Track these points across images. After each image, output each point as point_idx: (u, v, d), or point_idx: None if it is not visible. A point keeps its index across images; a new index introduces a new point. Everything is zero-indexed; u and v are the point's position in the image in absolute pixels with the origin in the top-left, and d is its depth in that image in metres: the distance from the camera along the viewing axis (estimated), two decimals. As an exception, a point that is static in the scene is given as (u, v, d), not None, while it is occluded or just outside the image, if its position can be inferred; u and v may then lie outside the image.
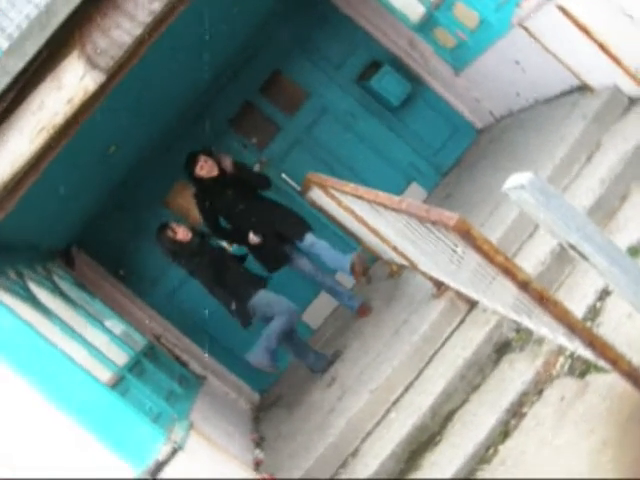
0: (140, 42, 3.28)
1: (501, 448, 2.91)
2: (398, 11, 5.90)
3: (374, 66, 6.51)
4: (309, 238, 5.20)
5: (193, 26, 4.33)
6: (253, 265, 5.32)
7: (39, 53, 3.11)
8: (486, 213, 4.41)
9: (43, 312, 4.14)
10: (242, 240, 5.31)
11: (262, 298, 4.77)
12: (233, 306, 4.76)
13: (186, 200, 5.96)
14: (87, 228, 6.09)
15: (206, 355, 6.11)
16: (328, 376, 4.80)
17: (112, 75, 3.26)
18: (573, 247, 1.66)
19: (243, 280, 4.88)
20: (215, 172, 5.22)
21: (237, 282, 4.87)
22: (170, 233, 4.79)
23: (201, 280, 5.01)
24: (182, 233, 4.81)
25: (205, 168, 5.20)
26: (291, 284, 5.86)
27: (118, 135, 4.85)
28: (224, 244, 5.43)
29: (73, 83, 3.19)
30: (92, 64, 3.17)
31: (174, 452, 3.53)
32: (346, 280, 6.23)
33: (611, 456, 2.33)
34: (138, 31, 3.28)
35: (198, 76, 5.69)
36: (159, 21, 3.39)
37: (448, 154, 6.67)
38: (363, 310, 5.30)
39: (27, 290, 4.29)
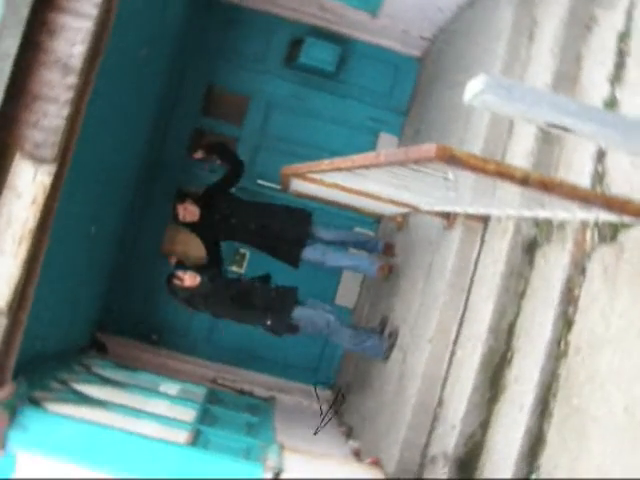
0: (73, 119, 3.27)
1: (570, 338, 2.92)
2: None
3: (296, 44, 6.46)
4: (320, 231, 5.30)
5: (115, 83, 4.32)
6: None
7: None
8: (460, 130, 4.40)
9: (99, 405, 4.17)
10: (257, 244, 5.36)
11: (298, 316, 4.76)
12: (268, 321, 4.75)
13: (181, 243, 5.96)
14: (103, 310, 6.11)
15: (264, 376, 6.16)
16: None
17: (61, 161, 3.25)
18: (553, 125, 1.65)
19: (274, 296, 4.85)
20: (197, 213, 5.26)
21: (268, 299, 4.83)
22: (178, 282, 4.79)
23: (226, 316, 4.99)
24: (189, 279, 4.78)
25: (188, 216, 5.25)
26: (313, 278, 5.90)
27: (92, 213, 4.85)
28: (233, 269, 5.47)
29: (29, 185, 3.19)
30: (38, 160, 3.17)
31: (276, 476, 3.58)
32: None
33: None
34: (66, 110, 3.27)
35: (139, 124, 5.70)
36: (80, 93, 3.37)
37: (400, 93, 6.64)
38: (382, 268, 5.35)
39: (76, 392, 4.31)
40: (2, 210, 3.23)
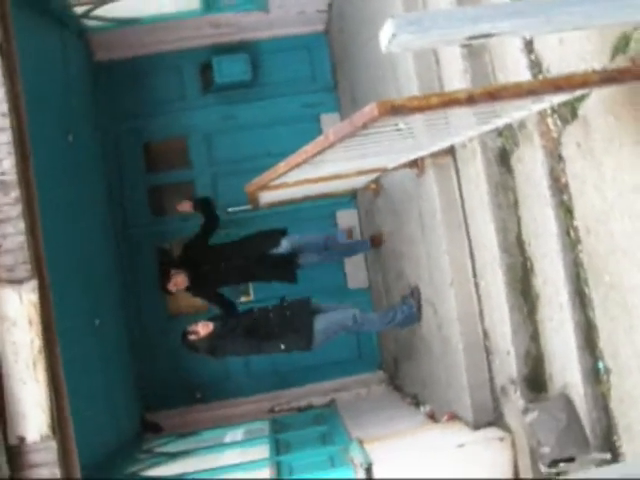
0: (32, 229, 3.25)
1: (576, 223, 2.94)
2: (178, 13, 5.82)
3: (207, 69, 6.43)
4: (284, 242, 5.32)
5: (57, 176, 4.29)
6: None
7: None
8: (391, 81, 4.40)
9: (177, 480, 4.16)
10: (251, 277, 5.39)
11: (319, 325, 4.72)
12: (283, 346, 4.69)
13: (184, 298, 5.94)
14: (140, 392, 6.08)
15: (314, 385, 6.17)
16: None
17: (39, 272, 3.23)
18: (474, 37, 1.65)
19: (289, 315, 4.80)
20: (186, 279, 5.29)
21: (284, 320, 4.78)
22: (193, 337, 4.73)
23: (248, 351, 4.94)
24: (202, 329, 4.73)
25: (178, 284, 5.30)
26: (320, 277, 5.92)
27: (89, 306, 4.83)
28: (242, 299, 5.49)
29: (19, 309, 3.17)
30: (16, 282, 3.14)
31: (369, 471, 3.59)
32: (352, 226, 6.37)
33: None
34: (22, 224, 3.25)
35: (96, 204, 5.68)
36: (28, 201, 3.35)
37: (322, 71, 6.64)
38: (373, 240, 5.56)
39: (149, 479, 4.30)
40: (5, 344, 3.20)
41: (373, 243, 5.65)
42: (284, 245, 5.39)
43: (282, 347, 4.69)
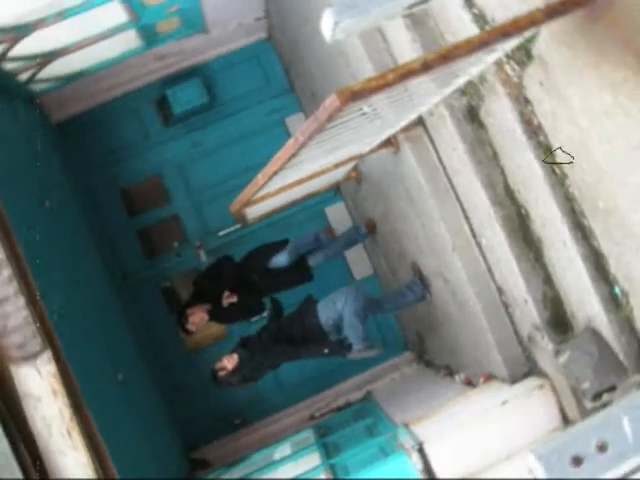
0: (32, 301, 3.24)
1: (559, 160, 2.95)
2: (122, 55, 5.81)
3: (162, 102, 6.42)
4: (281, 258, 5.32)
5: (46, 244, 4.28)
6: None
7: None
8: (345, 68, 4.40)
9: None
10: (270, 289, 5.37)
11: (322, 309, 4.73)
12: (326, 350, 4.67)
13: (198, 332, 5.89)
14: (180, 432, 6.07)
15: (347, 382, 6.18)
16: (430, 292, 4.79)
17: (50, 341, 3.22)
18: (413, 5, 1.66)
19: (299, 319, 4.80)
20: (205, 315, 5.22)
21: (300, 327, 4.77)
22: (223, 373, 4.70)
23: (286, 359, 4.91)
24: (229, 362, 4.69)
25: (197, 322, 5.21)
26: (326, 280, 5.91)
27: (108, 362, 4.81)
28: (263, 315, 5.46)
29: (40, 383, 3.16)
30: (31, 357, 3.14)
31: (421, 451, 3.59)
32: (342, 224, 6.35)
33: (610, 64, 2.36)
34: (21, 300, 3.24)
35: (89, 259, 5.66)
36: (21, 275, 3.35)
37: (276, 75, 6.65)
38: (368, 226, 5.60)
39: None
40: (35, 421, 3.19)
41: (367, 231, 5.66)
42: (282, 260, 5.37)
43: (325, 351, 4.69)
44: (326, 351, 4.64)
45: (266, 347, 4.71)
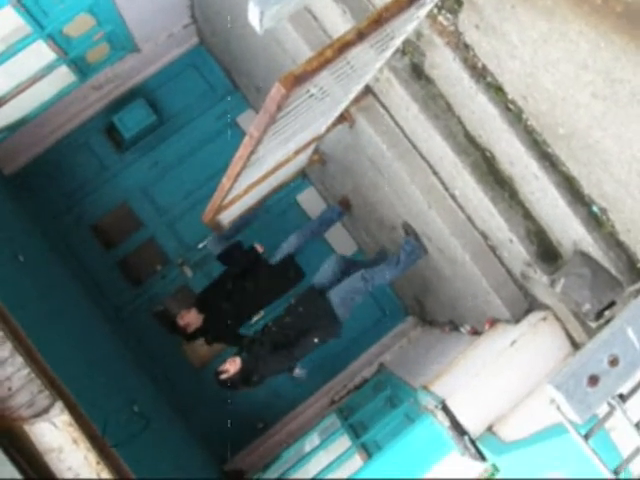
0: (30, 356, 3.20)
1: (510, 95, 2.97)
2: (59, 93, 5.73)
3: (111, 130, 6.33)
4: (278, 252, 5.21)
5: (34, 296, 4.23)
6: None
7: None
8: (282, 55, 4.37)
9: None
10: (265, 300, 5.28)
11: (335, 300, 4.65)
12: (316, 340, 4.62)
13: (202, 346, 5.89)
14: (208, 449, 6.07)
15: (358, 360, 6.22)
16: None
17: (60, 394, 3.19)
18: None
19: (301, 309, 4.74)
20: (198, 318, 5.03)
21: (300, 316, 4.73)
22: (225, 376, 4.67)
23: (285, 364, 4.84)
24: (231, 366, 4.65)
25: (192, 323, 5.00)
26: (311, 265, 5.89)
27: (122, 398, 4.79)
28: (254, 319, 5.42)
29: (58, 435, 3.13)
30: (42, 413, 3.10)
31: (445, 409, 3.63)
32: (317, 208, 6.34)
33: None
34: (19, 358, 3.20)
35: (77, 303, 5.61)
36: (15, 337, 3.31)
37: (217, 78, 6.57)
38: (342, 204, 5.55)
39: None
40: (62, 472, 3.17)
41: (341, 208, 5.61)
42: (281, 252, 5.27)
43: (315, 341, 4.63)
44: (316, 340, 4.57)
45: (263, 358, 4.63)
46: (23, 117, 5.71)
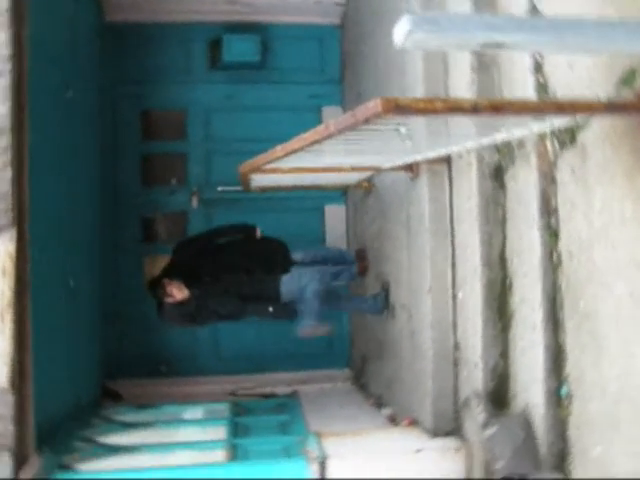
0: (18, 179, 3.20)
1: (560, 247, 2.97)
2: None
3: (216, 44, 6.38)
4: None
5: (51, 131, 4.23)
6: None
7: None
8: (398, 81, 4.40)
9: (130, 451, 4.13)
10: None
11: (286, 281, 4.76)
12: (271, 309, 4.72)
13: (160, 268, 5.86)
14: (106, 358, 6.04)
15: (280, 374, 6.17)
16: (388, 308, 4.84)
17: (19, 223, 3.18)
18: (486, 45, 1.65)
19: (259, 281, 4.82)
20: (184, 290, 4.88)
21: (257, 284, 4.80)
22: (170, 300, 4.65)
23: (231, 313, 4.90)
24: (179, 294, 4.66)
25: (174, 293, 4.87)
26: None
27: (65, 265, 4.77)
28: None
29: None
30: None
31: (323, 465, 3.59)
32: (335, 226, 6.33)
33: (645, 180, 2.38)
34: (8, 173, 3.20)
35: (86, 165, 5.61)
36: (18, 151, 3.30)
37: (331, 63, 6.62)
38: (359, 259, 5.47)
39: (103, 446, 4.27)
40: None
41: (359, 270, 5.43)
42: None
43: (270, 310, 4.71)
44: (271, 309, 4.68)
45: (218, 294, 4.72)
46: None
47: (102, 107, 6.16)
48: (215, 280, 4.89)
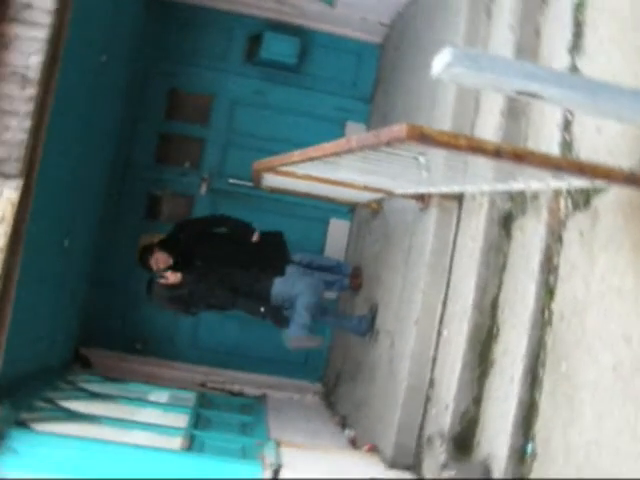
0: (36, 131, 3.20)
1: (554, 306, 2.96)
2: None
3: (256, 39, 6.42)
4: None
5: (77, 92, 4.24)
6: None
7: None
8: (427, 111, 4.41)
9: (89, 420, 4.11)
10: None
11: (279, 283, 4.76)
12: (262, 309, 4.72)
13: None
14: (84, 324, 6.01)
15: (253, 375, 6.15)
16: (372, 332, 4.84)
17: (27, 175, 3.18)
18: (522, 92, 1.66)
19: (253, 278, 4.84)
20: (168, 258, 4.96)
21: (251, 280, 4.82)
22: (162, 281, 4.67)
23: (221, 303, 4.91)
24: (172, 277, 4.69)
25: (160, 263, 4.95)
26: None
27: (64, 225, 4.76)
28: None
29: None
30: (3, 176, 3.09)
31: (276, 473, 3.57)
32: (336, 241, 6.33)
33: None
34: (27, 123, 3.20)
35: (104, 132, 5.62)
36: (41, 104, 3.31)
37: (364, 81, 6.65)
38: (354, 277, 5.46)
39: (63, 410, 4.24)
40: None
41: (352, 285, 5.48)
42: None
43: (261, 310, 4.71)
44: (262, 310, 4.69)
45: (211, 283, 4.73)
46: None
47: (132, 79, 6.18)
48: (209, 269, 4.89)
